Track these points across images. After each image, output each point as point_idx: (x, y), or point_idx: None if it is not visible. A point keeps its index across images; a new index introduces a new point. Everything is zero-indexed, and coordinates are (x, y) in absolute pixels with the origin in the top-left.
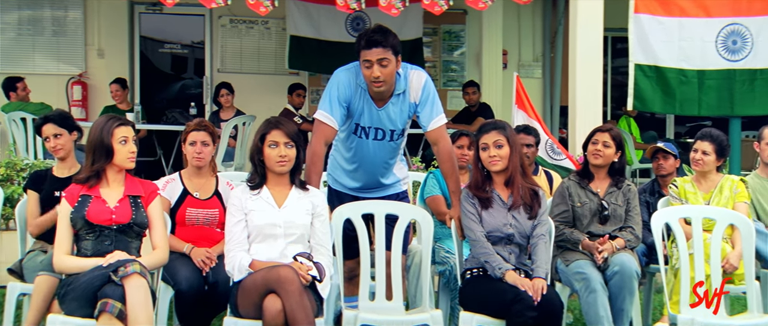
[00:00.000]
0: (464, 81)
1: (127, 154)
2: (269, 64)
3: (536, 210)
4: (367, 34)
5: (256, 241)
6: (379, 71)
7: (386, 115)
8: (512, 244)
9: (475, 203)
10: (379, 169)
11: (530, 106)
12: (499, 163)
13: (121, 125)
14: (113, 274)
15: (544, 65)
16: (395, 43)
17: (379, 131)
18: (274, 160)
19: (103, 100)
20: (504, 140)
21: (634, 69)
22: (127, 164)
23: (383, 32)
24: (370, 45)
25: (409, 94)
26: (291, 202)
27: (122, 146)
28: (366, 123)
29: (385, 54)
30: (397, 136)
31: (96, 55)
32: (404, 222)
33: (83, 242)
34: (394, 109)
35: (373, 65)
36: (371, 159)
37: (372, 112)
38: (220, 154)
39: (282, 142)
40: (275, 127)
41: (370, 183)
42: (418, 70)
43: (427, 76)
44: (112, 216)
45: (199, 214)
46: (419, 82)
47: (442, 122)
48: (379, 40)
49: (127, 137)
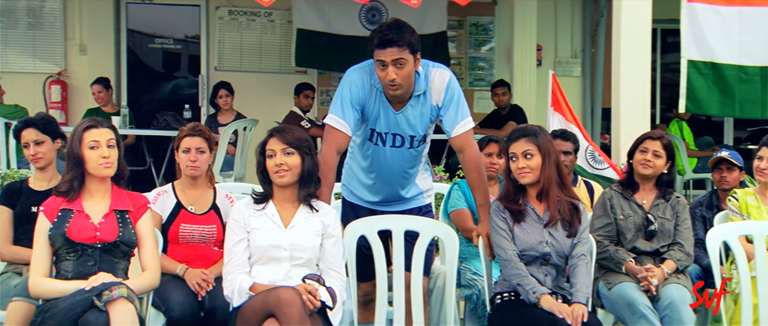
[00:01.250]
0: (493, 80)
1: (99, 160)
2: (273, 61)
3: (576, 227)
4: (380, 32)
5: (258, 263)
6: (394, 73)
7: (405, 120)
8: (548, 265)
9: (506, 218)
10: (398, 180)
11: (568, 109)
12: (529, 175)
13: (90, 128)
14: (96, 299)
15: (583, 62)
16: (413, 40)
17: (397, 137)
18: (272, 171)
19: (85, 102)
20: (534, 149)
21: (687, 66)
22: (100, 172)
23: (399, 28)
24: (383, 44)
25: (431, 96)
26: (298, 222)
27: (92, 152)
28: (382, 128)
29: (401, 53)
30: (417, 142)
31: (77, 50)
32: (426, 240)
33: (63, 263)
34: (413, 113)
35: (387, 66)
36: (389, 168)
37: (389, 116)
38: (217, 162)
39: (278, 149)
40: (272, 135)
41: (390, 196)
42: (441, 69)
43: (450, 75)
44: (96, 234)
45: (194, 231)
46: (442, 81)
47: (468, 127)
48: (393, 38)
49: (99, 141)
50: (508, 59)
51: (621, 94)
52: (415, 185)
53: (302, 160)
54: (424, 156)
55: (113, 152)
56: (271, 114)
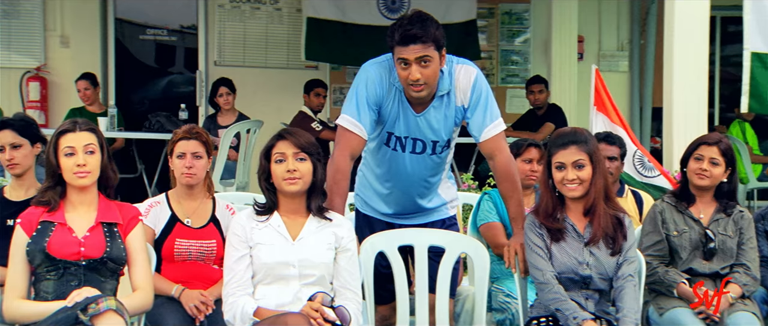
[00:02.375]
0: (528, 76)
1: (73, 168)
2: (280, 55)
3: (621, 244)
4: (401, 26)
5: (263, 283)
6: (418, 72)
7: (426, 123)
8: (590, 288)
9: (542, 234)
10: (419, 190)
11: (613, 108)
12: (579, 189)
13: (65, 132)
14: (81, 313)
15: (631, 55)
16: (438, 34)
17: (418, 142)
18: (281, 178)
19: (67, 101)
20: (586, 159)
21: (751, 59)
22: (74, 182)
23: (422, 22)
24: (406, 40)
25: (456, 96)
26: (308, 234)
27: (67, 159)
28: (401, 132)
29: (425, 51)
30: (440, 148)
31: (58, 43)
32: (452, 257)
33: (43, 282)
34: (436, 115)
35: (410, 65)
36: (408, 177)
37: (409, 119)
38: (217, 169)
39: (290, 153)
40: (281, 137)
41: (408, 207)
42: (467, 65)
43: (477, 72)
44: (80, 249)
45: (191, 247)
46: (468, 79)
47: (498, 130)
48: (417, 33)
49: (74, 147)
50: (545, 52)
51: (674, 91)
52: (437, 195)
53: (314, 168)
54: (448, 162)
55: (92, 159)
56: (277, 114)
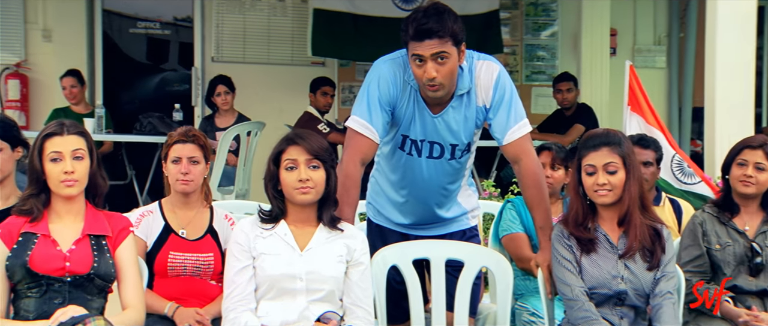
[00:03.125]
0: (556, 73)
1: (60, 176)
2: (284, 50)
3: (659, 258)
4: (415, 19)
5: (266, 297)
6: (434, 70)
7: (444, 125)
8: (625, 305)
9: (571, 246)
10: (437, 198)
11: (649, 108)
12: (610, 195)
13: (52, 135)
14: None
15: (669, 50)
16: (457, 28)
17: (435, 146)
18: (292, 187)
19: (49, 100)
20: (619, 162)
21: None
22: (61, 191)
23: (439, 15)
24: (420, 35)
25: (477, 95)
26: (317, 245)
27: (53, 166)
28: (417, 135)
29: (442, 46)
30: (460, 152)
31: (40, 37)
32: (472, 272)
33: (23, 300)
34: (455, 116)
35: (426, 62)
36: (425, 184)
37: (425, 121)
38: (215, 175)
39: (302, 160)
40: (292, 142)
41: (425, 217)
42: (488, 61)
43: (500, 68)
44: (64, 264)
45: (186, 261)
46: (489, 77)
47: (523, 131)
48: (433, 27)
49: (61, 152)
50: (574, 47)
51: (716, 89)
52: (457, 204)
53: (328, 176)
54: (468, 168)
55: (80, 165)
56: (280, 115)
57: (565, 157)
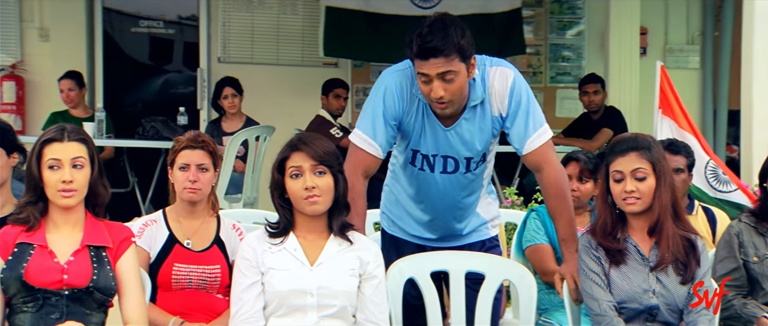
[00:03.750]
0: (582, 74)
1: (57, 184)
2: (294, 50)
3: (693, 270)
4: (420, 36)
5: (276, 315)
6: (442, 89)
7: (458, 138)
8: (656, 321)
9: (600, 257)
10: (454, 212)
11: (682, 112)
12: (639, 203)
13: (51, 142)
14: None
15: (703, 49)
16: (464, 43)
17: (449, 160)
18: (299, 197)
19: (47, 103)
20: (648, 168)
21: None
22: (57, 201)
23: (444, 29)
24: (425, 53)
25: (491, 104)
26: (328, 259)
27: (51, 174)
28: (429, 150)
29: (448, 65)
30: (475, 164)
31: (37, 36)
32: (493, 285)
33: (19, 316)
34: (469, 128)
35: (432, 81)
36: (441, 200)
37: (437, 134)
38: (222, 183)
39: (307, 166)
40: (295, 148)
41: (445, 231)
42: (502, 67)
43: (514, 74)
44: (62, 277)
45: (191, 273)
46: (504, 84)
47: (544, 139)
48: (438, 45)
49: (60, 159)
50: (602, 47)
51: (753, 91)
52: (475, 215)
53: (335, 181)
54: (486, 177)
55: (80, 174)
56: (291, 119)
57: (594, 169)
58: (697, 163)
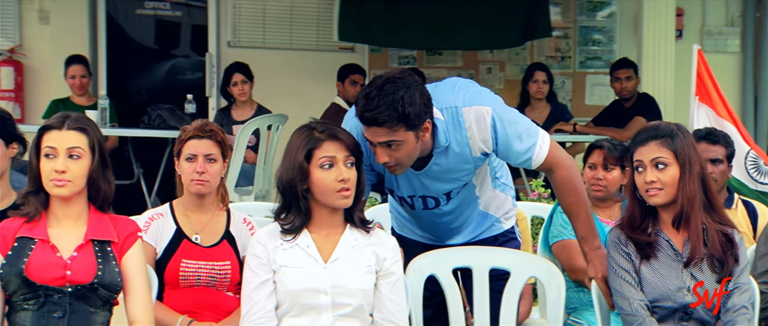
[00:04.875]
0: (614, 59)
1: (50, 174)
2: (308, 34)
3: (730, 267)
4: (364, 98)
5: (289, 315)
6: (386, 155)
7: (431, 180)
8: (692, 320)
9: (629, 253)
10: (450, 231)
11: (720, 99)
12: (661, 194)
13: (49, 129)
14: None
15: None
16: (411, 111)
17: (429, 200)
18: (332, 189)
19: (47, 90)
20: (669, 157)
21: None
22: (50, 190)
23: (389, 95)
24: (365, 121)
25: (471, 147)
26: (343, 255)
27: (46, 162)
28: (404, 192)
29: (392, 135)
30: (458, 191)
31: (36, 19)
32: (519, 282)
33: (19, 313)
34: (443, 169)
35: (375, 147)
36: (433, 224)
37: (410, 179)
38: (232, 174)
39: (341, 158)
40: (330, 136)
41: (448, 237)
42: (477, 106)
43: (492, 110)
44: (65, 273)
45: (200, 269)
46: (482, 129)
47: (546, 148)
48: (378, 118)
49: (56, 148)
50: (634, 29)
51: None
52: (480, 219)
53: (359, 175)
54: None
55: (76, 165)
56: (305, 107)
57: (620, 155)
58: (736, 153)
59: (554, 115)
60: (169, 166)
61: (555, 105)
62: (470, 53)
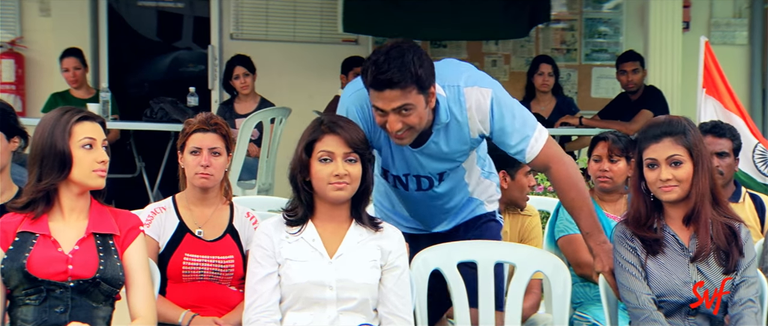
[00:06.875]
0: (620, 51)
1: (94, 165)
2: (312, 26)
3: (735, 260)
4: (374, 64)
5: (293, 308)
6: (399, 122)
7: (428, 158)
8: (699, 315)
9: (635, 248)
10: (439, 215)
11: (728, 91)
12: (676, 190)
13: (83, 119)
14: None
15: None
16: (422, 72)
17: (423, 180)
18: (325, 181)
19: (48, 83)
20: (684, 154)
21: None
22: (92, 181)
23: (401, 57)
24: (379, 84)
25: (470, 128)
26: (348, 249)
27: (86, 153)
28: (399, 171)
29: (405, 98)
30: (450, 173)
31: (37, 11)
32: (525, 277)
33: (21, 309)
34: (440, 148)
35: (387, 115)
36: (424, 209)
37: (406, 156)
38: (235, 168)
39: (340, 153)
40: (330, 130)
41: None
42: (478, 87)
43: (492, 92)
44: (67, 268)
45: (203, 263)
46: (482, 108)
47: (542, 141)
48: (393, 77)
49: (95, 139)
50: (641, 21)
51: None
52: (469, 201)
53: (364, 170)
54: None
55: (106, 156)
56: (308, 100)
57: (625, 147)
58: (744, 146)
59: (560, 108)
60: (171, 160)
61: (561, 98)
62: (475, 45)
